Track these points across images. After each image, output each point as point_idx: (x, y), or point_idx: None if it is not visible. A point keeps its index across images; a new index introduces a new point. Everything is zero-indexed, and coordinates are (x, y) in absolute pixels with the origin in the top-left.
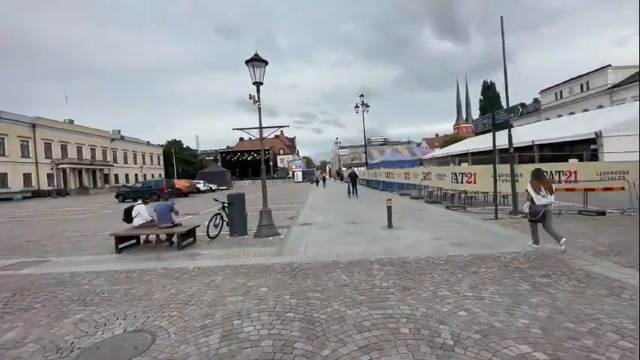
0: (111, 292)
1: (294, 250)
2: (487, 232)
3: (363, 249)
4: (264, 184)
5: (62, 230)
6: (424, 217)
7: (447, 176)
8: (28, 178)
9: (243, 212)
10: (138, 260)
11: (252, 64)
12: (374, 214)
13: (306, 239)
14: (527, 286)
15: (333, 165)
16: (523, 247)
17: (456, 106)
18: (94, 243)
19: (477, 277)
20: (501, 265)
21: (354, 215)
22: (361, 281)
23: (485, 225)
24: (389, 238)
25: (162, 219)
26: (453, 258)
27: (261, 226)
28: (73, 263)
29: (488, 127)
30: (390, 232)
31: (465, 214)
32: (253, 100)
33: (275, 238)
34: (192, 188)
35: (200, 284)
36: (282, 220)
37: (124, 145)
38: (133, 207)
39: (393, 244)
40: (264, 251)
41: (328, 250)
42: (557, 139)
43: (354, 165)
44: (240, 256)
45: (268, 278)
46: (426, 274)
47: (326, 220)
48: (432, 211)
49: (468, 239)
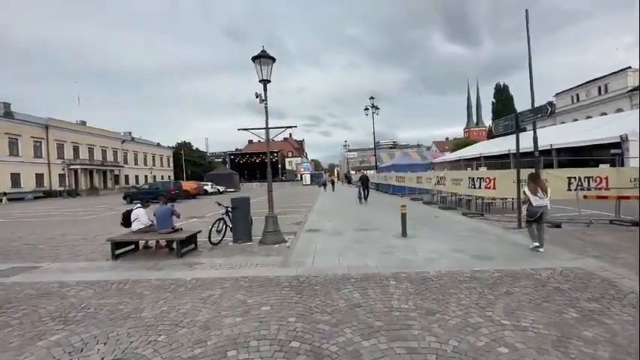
0: (98, 307)
1: (301, 260)
2: (512, 243)
3: (377, 261)
4: (270, 188)
5: (63, 233)
6: (440, 224)
7: (463, 181)
8: (40, 178)
9: (247, 217)
10: (133, 269)
11: (259, 61)
12: (385, 221)
13: (314, 248)
14: (575, 313)
15: (341, 168)
16: (558, 262)
17: (467, 109)
18: (92, 247)
19: (512, 299)
20: (537, 285)
21: (364, 221)
22: (377, 301)
23: (508, 235)
24: (404, 248)
25: (161, 224)
26: (479, 274)
27: (266, 233)
28: (65, 271)
29: (511, 128)
30: (405, 241)
31: (483, 221)
32: (260, 99)
33: (281, 246)
34: (200, 190)
35: (196, 300)
36: (289, 226)
37: (135, 146)
38: (131, 211)
39: (409, 256)
40: (268, 261)
41: (338, 261)
42: (577, 142)
43: (363, 168)
44: (242, 266)
45: (271, 294)
46: (451, 293)
47: (335, 227)
48: (447, 218)
49: (491, 251)
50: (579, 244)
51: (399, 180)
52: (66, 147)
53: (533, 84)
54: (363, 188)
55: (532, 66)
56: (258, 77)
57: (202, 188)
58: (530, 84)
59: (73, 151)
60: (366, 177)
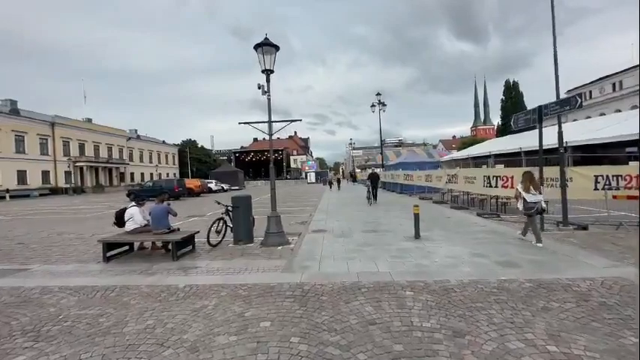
0: (77, 319)
1: (306, 265)
2: (537, 247)
3: (389, 266)
4: (273, 186)
5: (60, 231)
6: (454, 225)
7: (477, 179)
8: (46, 175)
9: (249, 217)
10: (124, 272)
11: (261, 50)
12: (395, 221)
13: (320, 251)
14: (634, 337)
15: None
16: (594, 270)
17: (474, 107)
18: (86, 247)
19: (552, 316)
20: (579, 299)
21: (372, 222)
22: (393, 317)
23: (530, 238)
24: (418, 252)
25: (157, 224)
26: (507, 284)
27: (268, 234)
28: (52, 274)
29: (533, 123)
30: (418, 244)
31: (501, 223)
32: (262, 90)
33: (284, 248)
34: (204, 188)
35: (187, 311)
36: (293, 226)
37: (140, 144)
38: (125, 210)
39: (425, 261)
40: (270, 265)
41: (346, 266)
42: (594, 140)
43: (369, 166)
44: (241, 271)
45: (272, 306)
46: (479, 308)
47: (341, 227)
48: (461, 219)
49: (516, 257)
50: (614, 249)
51: (407, 178)
52: (72, 144)
53: (558, 73)
54: (372, 187)
55: (557, 54)
56: (260, 67)
57: (206, 186)
58: (555, 74)
59: (79, 148)
60: (376, 175)
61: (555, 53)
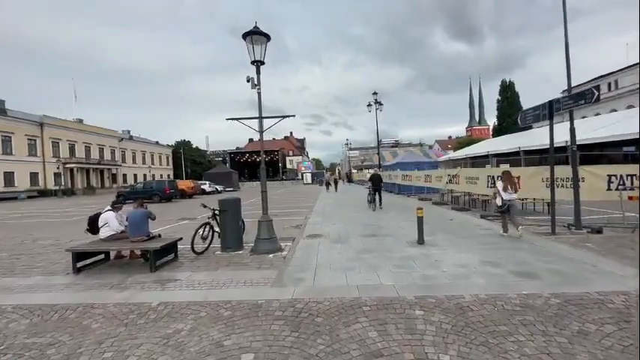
0: (21, 350)
1: (299, 277)
2: (554, 254)
3: (393, 278)
4: (264, 187)
5: (37, 237)
6: (458, 229)
7: (480, 180)
8: (35, 177)
9: (238, 222)
10: (93, 287)
11: (250, 39)
12: (395, 224)
13: (315, 259)
14: None
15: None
16: (625, 281)
17: (469, 108)
18: (58, 256)
19: (593, 344)
20: (618, 319)
21: (371, 225)
22: (402, 346)
23: (545, 243)
24: (424, 260)
25: (135, 230)
26: (531, 301)
27: (259, 240)
28: (8, 290)
29: (543, 118)
30: (423, 250)
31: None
32: (252, 83)
33: (276, 256)
34: (197, 189)
35: (155, 339)
36: (287, 230)
37: (133, 145)
38: (99, 214)
39: (432, 271)
40: (259, 277)
41: (345, 278)
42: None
43: (365, 167)
44: (226, 284)
45: (258, 331)
46: (505, 334)
47: (338, 232)
48: (465, 222)
49: (534, 265)
50: (637, 255)
51: (405, 179)
52: (61, 145)
53: (570, 65)
54: (374, 190)
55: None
56: (250, 58)
57: (199, 187)
58: (567, 65)
59: (69, 149)
60: (379, 176)
61: (567, 42)
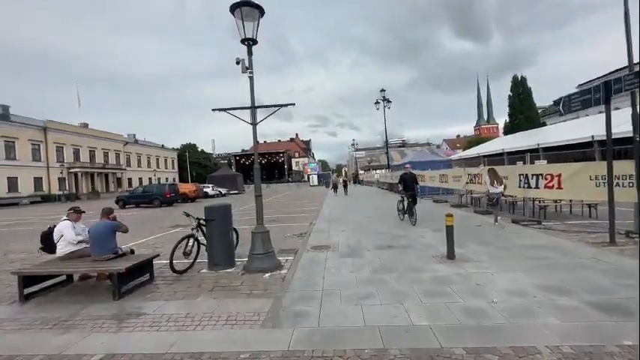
0: None
1: (300, 309)
2: (630, 274)
3: (427, 314)
4: (259, 191)
5: (10, 249)
6: (491, 237)
7: (510, 179)
8: (38, 182)
9: (228, 233)
10: (32, 325)
11: (239, 12)
12: (414, 232)
13: (321, 281)
14: None
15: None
16: None
17: (477, 106)
18: None
19: None
20: None
21: (386, 233)
22: None
23: (611, 258)
24: (462, 283)
25: (98, 247)
26: None
27: (253, 256)
28: None
29: (595, 104)
30: (456, 268)
31: (548, 233)
32: (242, 66)
33: (273, 276)
34: (200, 193)
35: None
36: (289, 240)
37: (138, 148)
38: (53, 229)
39: (478, 302)
40: (248, 309)
41: (361, 313)
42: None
43: (373, 167)
44: (204, 321)
45: None
46: None
47: (348, 241)
48: (495, 228)
49: (616, 293)
50: None
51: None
52: (66, 150)
53: (630, 36)
54: (409, 196)
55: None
56: (239, 35)
57: (202, 191)
58: (627, 35)
59: (74, 154)
60: (413, 176)
61: (626, 10)
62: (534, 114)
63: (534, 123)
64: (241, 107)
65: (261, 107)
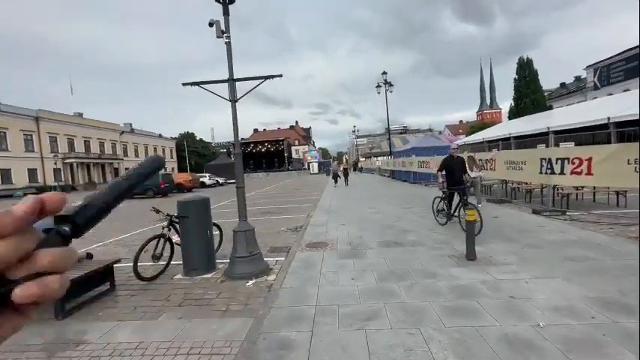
0: None
1: (286, 337)
2: None
3: (449, 341)
4: (242, 182)
5: None
6: (513, 232)
7: (528, 164)
8: (33, 173)
9: (206, 231)
10: None
11: None
12: (420, 224)
13: (315, 292)
14: None
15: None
16: None
17: (480, 91)
18: None
19: None
20: None
21: (390, 225)
22: None
23: None
24: (491, 296)
25: None
26: None
27: (234, 260)
28: None
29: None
30: (481, 273)
31: (576, 225)
32: (217, 30)
33: (257, 284)
34: (196, 182)
35: None
36: (283, 236)
37: (135, 138)
38: None
39: (518, 326)
40: (219, 336)
41: (365, 341)
42: None
43: (374, 154)
44: (157, 354)
45: None
46: None
47: (348, 236)
48: (515, 220)
49: None
50: None
51: (422, 165)
52: (60, 140)
53: None
54: (457, 189)
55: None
56: None
57: (198, 180)
58: None
59: (68, 144)
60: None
61: None
62: (540, 97)
63: (541, 106)
64: (217, 81)
65: (241, 80)
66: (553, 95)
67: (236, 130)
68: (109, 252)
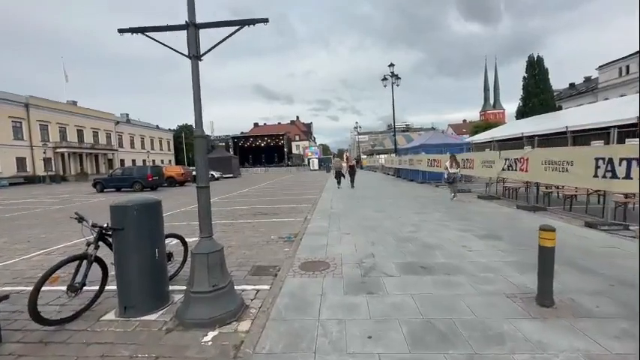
0: None
1: None
2: None
3: None
4: (205, 182)
5: None
6: (575, 254)
7: (576, 164)
8: (21, 162)
9: (153, 249)
10: None
11: None
12: (445, 235)
13: (311, 356)
14: None
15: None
16: None
17: (484, 91)
18: None
19: None
20: None
21: (407, 237)
22: None
23: None
24: None
25: None
26: None
27: (190, 296)
28: None
29: None
30: (569, 337)
31: None
32: None
33: (220, 338)
34: (188, 176)
35: None
36: (272, 248)
37: (131, 128)
38: None
39: None
40: None
41: None
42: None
43: (376, 152)
44: None
45: None
46: None
47: (356, 252)
48: (567, 236)
49: None
50: None
51: (432, 164)
52: (51, 128)
53: None
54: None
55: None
56: None
57: (191, 174)
58: None
59: (60, 133)
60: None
61: None
62: (549, 97)
63: (549, 107)
64: (172, 26)
65: (207, 26)
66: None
67: (197, 104)
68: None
